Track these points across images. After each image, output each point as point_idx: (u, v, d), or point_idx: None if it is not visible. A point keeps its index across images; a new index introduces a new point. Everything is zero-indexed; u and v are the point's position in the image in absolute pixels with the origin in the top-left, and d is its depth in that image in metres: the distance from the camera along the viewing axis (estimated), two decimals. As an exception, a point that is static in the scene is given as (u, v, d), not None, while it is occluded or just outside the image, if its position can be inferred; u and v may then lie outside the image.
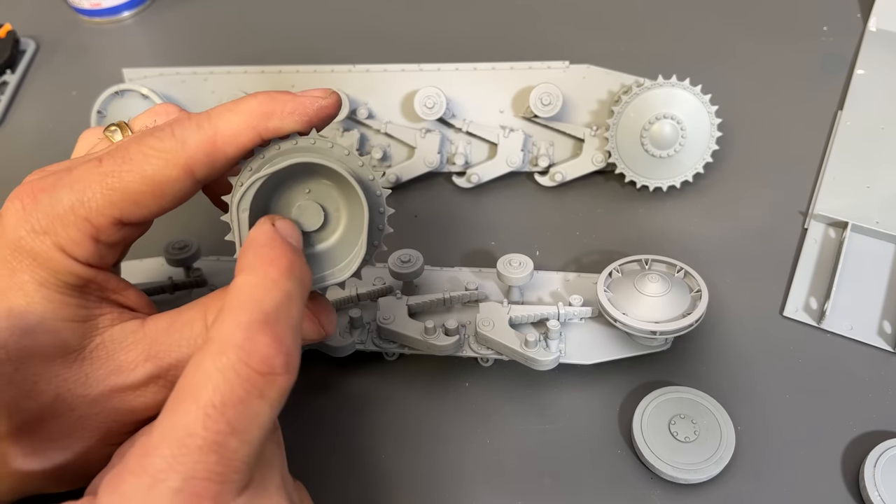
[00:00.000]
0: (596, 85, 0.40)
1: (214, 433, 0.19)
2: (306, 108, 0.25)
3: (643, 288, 0.32)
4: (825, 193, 0.39)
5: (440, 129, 0.41)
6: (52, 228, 0.23)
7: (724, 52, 0.48)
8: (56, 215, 0.23)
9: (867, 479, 0.29)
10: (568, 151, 0.41)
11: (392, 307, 0.33)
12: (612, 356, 0.32)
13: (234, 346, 0.19)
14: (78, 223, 0.23)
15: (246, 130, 0.24)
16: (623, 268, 0.34)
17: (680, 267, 0.33)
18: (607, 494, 0.30)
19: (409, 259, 0.33)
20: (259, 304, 0.20)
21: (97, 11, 0.55)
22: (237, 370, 0.19)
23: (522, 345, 0.31)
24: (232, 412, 0.19)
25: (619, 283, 0.33)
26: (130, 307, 0.26)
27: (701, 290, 0.32)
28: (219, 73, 0.40)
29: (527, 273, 0.32)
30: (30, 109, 0.49)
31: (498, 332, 0.32)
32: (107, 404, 0.25)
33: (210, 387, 0.19)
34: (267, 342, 0.20)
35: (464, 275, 0.35)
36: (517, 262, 0.33)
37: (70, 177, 0.24)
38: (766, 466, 0.31)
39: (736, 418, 0.31)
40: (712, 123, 0.38)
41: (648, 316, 0.31)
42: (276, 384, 0.20)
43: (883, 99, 0.44)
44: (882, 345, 0.34)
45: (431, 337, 0.32)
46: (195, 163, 0.24)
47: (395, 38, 0.52)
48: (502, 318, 0.32)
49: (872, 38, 0.48)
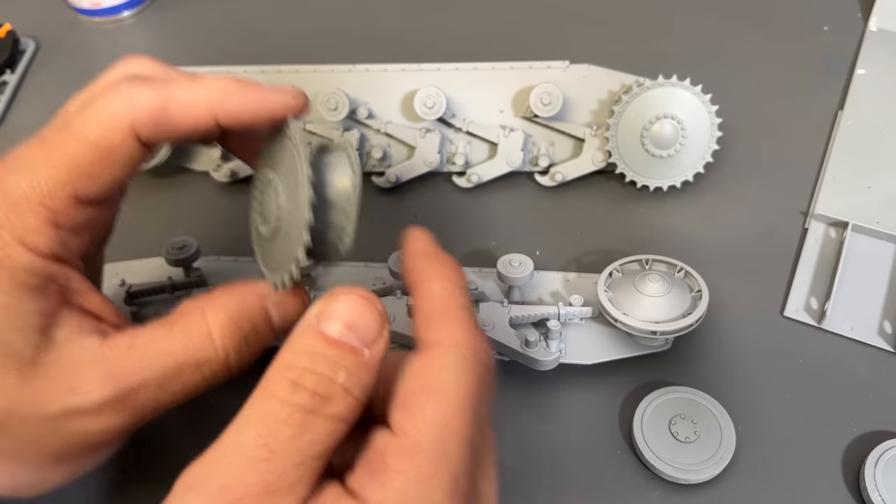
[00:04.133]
0: (596, 85, 0.40)
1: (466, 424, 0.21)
2: (269, 102, 0.24)
3: (643, 288, 0.32)
4: (826, 193, 0.39)
5: (440, 129, 0.41)
6: (6, 221, 0.22)
7: (725, 52, 0.48)
8: (9, 205, 0.22)
9: (868, 479, 0.29)
10: (568, 151, 0.41)
11: (392, 309, 0.33)
12: (613, 356, 0.32)
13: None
14: (33, 209, 0.22)
15: (201, 106, 0.23)
16: (623, 268, 0.34)
17: (680, 267, 0.33)
18: (607, 494, 0.30)
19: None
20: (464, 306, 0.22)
21: (97, 11, 0.55)
22: (470, 363, 0.21)
23: (523, 345, 0.31)
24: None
25: (619, 284, 0.33)
26: (95, 313, 0.24)
27: (701, 290, 0.32)
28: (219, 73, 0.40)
29: (527, 273, 0.32)
30: (30, 109, 0.49)
31: (498, 333, 0.32)
32: (61, 425, 0.23)
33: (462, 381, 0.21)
34: (485, 342, 0.22)
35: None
36: (517, 262, 0.33)
37: (15, 162, 0.22)
38: (767, 467, 0.31)
39: (736, 418, 0.31)
40: (713, 123, 0.38)
41: (649, 316, 0.31)
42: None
43: (883, 99, 0.44)
44: (883, 345, 0.34)
45: None
46: (142, 126, 0.23)
47: (395, 38, 0.51)
48: (502, 319, 0.32)
49: (873, 38, 0.48)
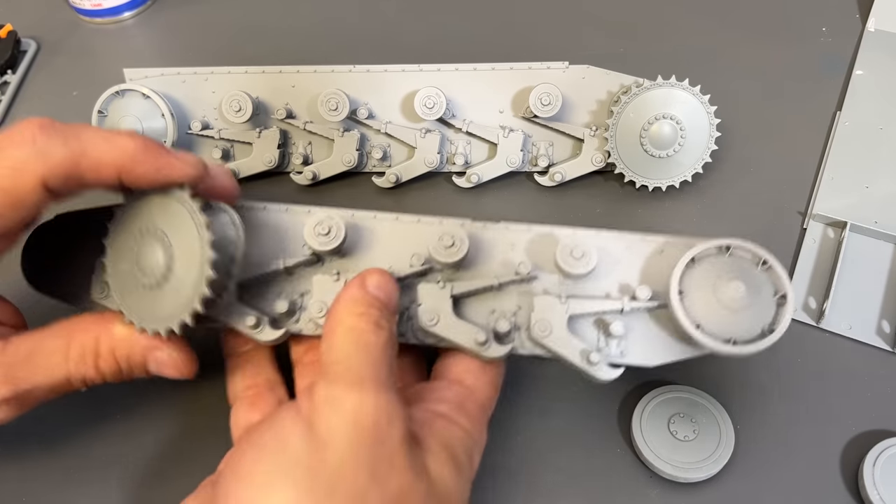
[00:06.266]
0: (595, 85, 0.40)
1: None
2: (173, 171, 0.25)
3: (723, 295, 0.28)
4: (824, 193, 0.40)
5: (440, 129, 0.41)
6: None
7: (724, 53, 0.48)
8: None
9: (866, 477, 0.29)
10: (567, 151, 0.41)
11: (435, 301, 0.29)
12: (678, 356, 0.29)
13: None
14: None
15: (111, 166, 0.24)
16: (700, 256, 0.29)
17: (764, 259, 0.28)
18: (607, 493, 0.30)
19: (452, 243, 0.29)
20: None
21: (98, 12, 0.55)
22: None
23: (583, 360, 0.28)
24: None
25: (695, 280, 0.28)
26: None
27: (786, 295, 0.28)
28: (220, 73, 0.40)
29: (590, 268, 0.28)
30: (30, 109, 0.49)
31: (555, 341, 0.28)
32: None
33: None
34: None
35: (513, 234, 0.30)
36: (580, 253, 0.29)
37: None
38: (765, 465, 0.31)
39: (735, 417, 0.31)
40: (711, 123, 0.38)
41: (725, 330, 0.27)
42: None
43: (882, 99, 0.44)
44: (881, 344, 0.34)
45: (483, 348, 0.28)
46: (52, 178, 0.24)
47: (395, 38, 0.52)
48: (560, 320, 0.28)
49: (871, 39, 0.48)
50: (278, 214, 0.31)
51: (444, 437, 0.25)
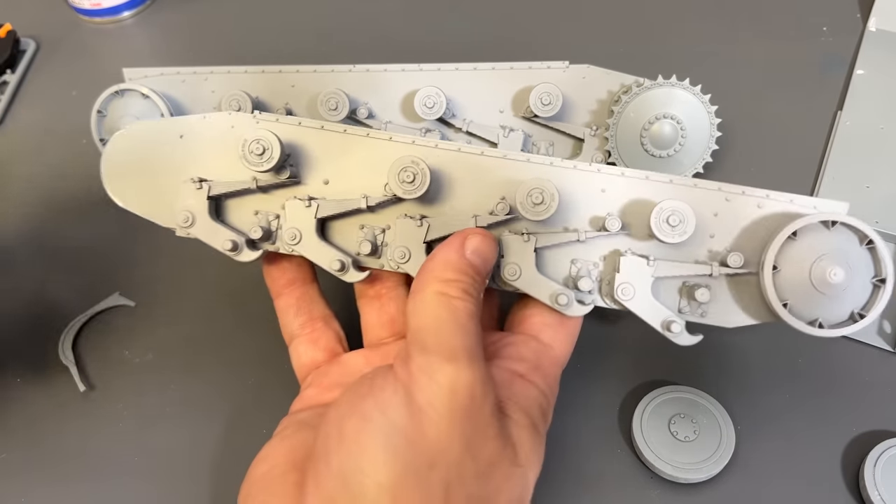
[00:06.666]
0: (596, 85, 0.40)
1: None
2: None
3: (819, 278, 0.26)
4: (825, 193, 0.39)
5: (440, 129, 0.41)
6: None
7: (724, 52, 0.48)
8: None
9: (867, 478, 0.29)
10: (568, 151, 0.41)
11: (518, 255, 0.28)
12: (755, 320, 0.28)
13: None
14: None
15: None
16: (801, 230, 0.27)
17: (870, 240, 0.26)
18: (607, 493, 0.30)
19: (542, 200, 0.28)
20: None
21: (97, 11, 0.55)
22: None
23: (664, 328, 0.28)
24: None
25: (792, 256, 0.27)
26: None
27: (886, 279, 0.26)
28: (219, 73, 0.40)
29: (686, 237, 0.27)
30: (30, 109, 0.49)
31: (638, 305, 0.28)
32: None
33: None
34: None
35: (603, 180, 0.29)
36: (676, 221, 0.27)
37: None
38: (766, 466, 0.31)
39: (736, 418, 0.31)
40: (712, 123, 0.38)
41: (813, 312, 0.27)
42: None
43: (882, 99, 0.44)
44: (882, 344, 0.34)
45: (564, 307, 0.28)
46: None
47: (395, 38, 0.52)
48: (645, 284, 0.28)
49: (872, 39, 0.48)
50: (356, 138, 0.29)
51: (523, 400, 0.26)
